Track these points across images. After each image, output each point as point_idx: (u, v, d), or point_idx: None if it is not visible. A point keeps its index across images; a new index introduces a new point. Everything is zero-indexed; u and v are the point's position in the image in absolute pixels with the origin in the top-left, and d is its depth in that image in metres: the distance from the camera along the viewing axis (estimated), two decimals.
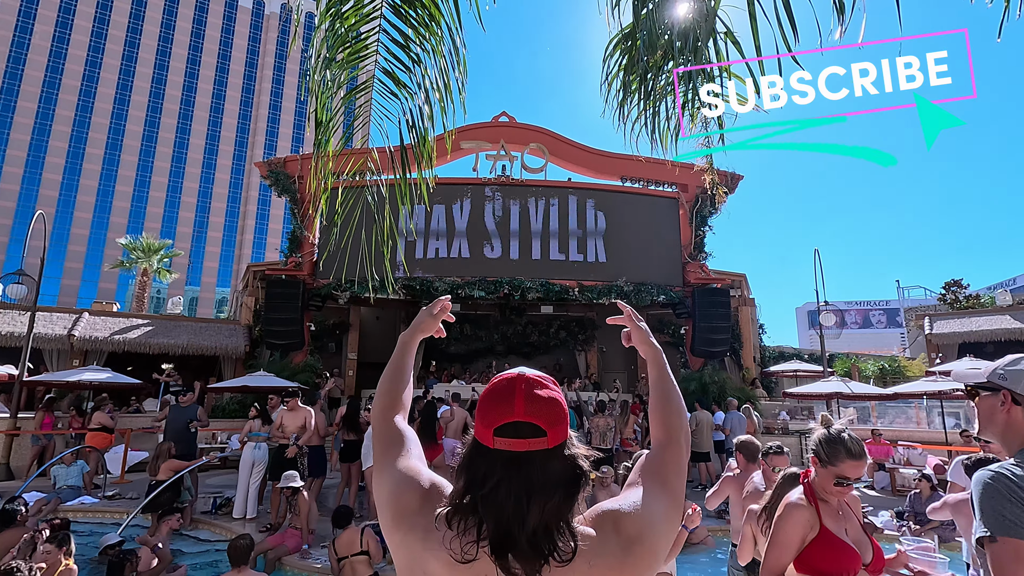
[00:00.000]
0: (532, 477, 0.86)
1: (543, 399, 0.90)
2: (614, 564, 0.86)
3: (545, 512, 0.83)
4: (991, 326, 15.94)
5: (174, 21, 74.47)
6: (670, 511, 0.96)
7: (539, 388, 0.92)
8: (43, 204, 59.45)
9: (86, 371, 11.88)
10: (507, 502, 0.84)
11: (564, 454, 0.89)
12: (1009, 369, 1.47)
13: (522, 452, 0.87)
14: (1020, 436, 1.42)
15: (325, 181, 2.49)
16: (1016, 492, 1.26)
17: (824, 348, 16.55)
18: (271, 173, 16.24)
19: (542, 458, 0.87)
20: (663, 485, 0.99)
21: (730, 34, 1.86)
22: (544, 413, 0.89)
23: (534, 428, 0.88)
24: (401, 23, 2.26)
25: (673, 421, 1.13)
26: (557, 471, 0.87)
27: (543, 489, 0.85)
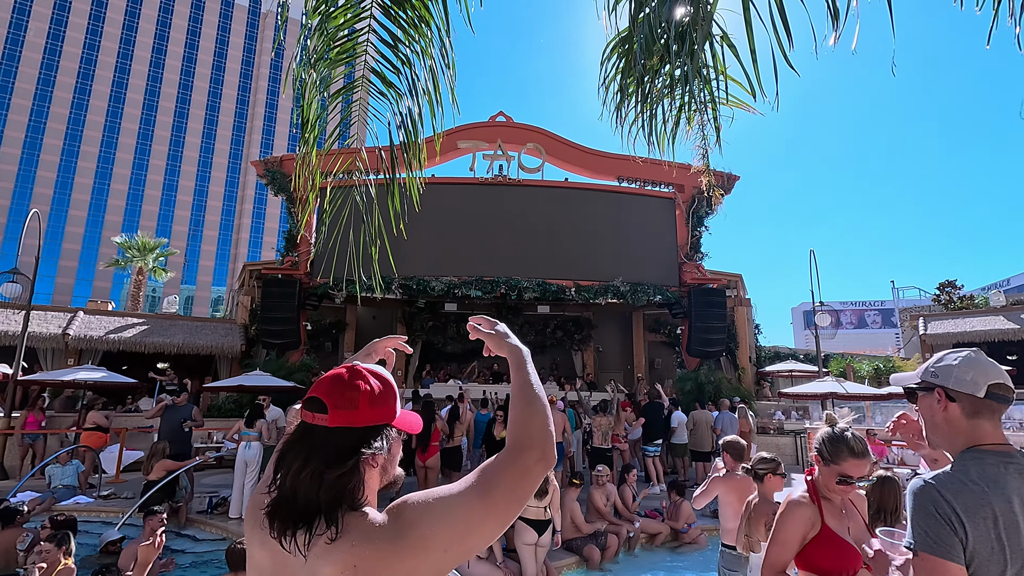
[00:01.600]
0: (303, 448, 0.95)
1: (346, 384, 0.99)
2: (380, 547, 0.87)
3: (299, 480, 0.91)
4: (985, 326, 16.05)
5: (170, 19, 74.17)
6: (473, 508, 0.92)
7: (355, 377, 1.01)
8: (38, 202, 59.16)
9: (81, 370, 11.83)
10: (285, 465, 0.95)
11: (344, 435, 0.95)
12: (939, 366, 1.44)
13: (307, 424, 0.98)
14: (961, 436, 1.38)
15: (312, 180, 2.49)
16: (942, 507, 1.24)
17: (819, 348, 16.63)
18: (267, 172, 16.20)
19: (321, 433, 0.96)
20: (482, 485, 0.95)
21: (726, 38, 1.87)
22: (335, 395, 0.97)
23: (321, 404, 0.97)
24: (391, 23, 2.26)
25: (523, 428, 1.04)
26: (328, 447, 0.94)
27: (308, 458, 0.93)
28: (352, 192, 2.62)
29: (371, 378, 1.02)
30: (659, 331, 18.33)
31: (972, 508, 1.23)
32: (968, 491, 1.25)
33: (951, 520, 1.23)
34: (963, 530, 1.22)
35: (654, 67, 1.94)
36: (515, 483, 0.96)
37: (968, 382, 1.37)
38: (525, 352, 1.21)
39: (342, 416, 0.96)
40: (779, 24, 1.50)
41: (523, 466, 0.98)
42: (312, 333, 16.17)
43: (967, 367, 1.39)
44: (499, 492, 0.95)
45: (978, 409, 1.36)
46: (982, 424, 1.36)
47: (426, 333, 18.28)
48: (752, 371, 17.08)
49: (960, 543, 1.22)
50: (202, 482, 9.69)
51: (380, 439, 0.99)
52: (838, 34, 1.47)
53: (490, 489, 0.95)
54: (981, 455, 1.31)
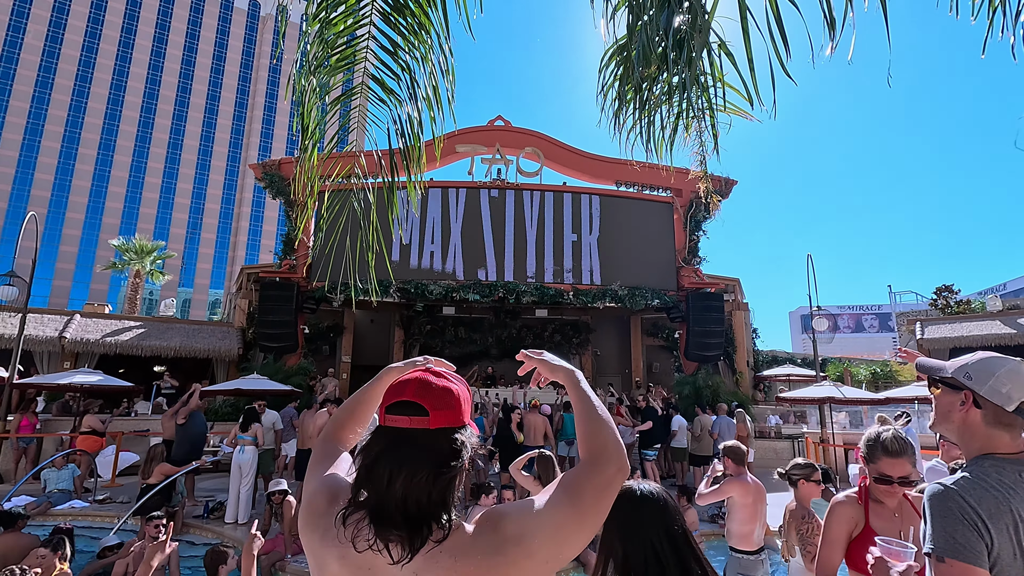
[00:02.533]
0: (407, 453, 0.92)
1: (434, 386, 0.98)
2: (481, 562, 0.87)
3: (413, 485, 0.89)
4: (981, 331, 16.08)
5: (169, 22, 74.19)
6: (568, 522, 0.94)
7: (437, 378, 1.01)
8: (35, 204, 59.00)
9: (77, 373, 11.79)
10: (383, 475, 0.91)
11: (446, 437, 0.94)
12: (975, 369, 1.39)
13: (405, 429, 0.94)
14: (978, 441, 1.36)
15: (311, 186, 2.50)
16: (968, 512, 1.23)
17: (817, 352, 16.63)
18: (265, 175, 16.20)
19: (422, 436, 0.93)
20: (570, 496, 0.97)
21: (724, 46, 1.88)
22: (431, 396, 0.96)
23: (418, 408, 0.95)
24: (390, 30, 2.27)
25: (595, 441, 1.07)
26: (433, 451, 0.92)
27: (413, 464, 0.90)
28: (351, 196, 2.63)
29: (452, 378, 1.03)
30: (657, 335, 18.35)
31: (995, 514, 1.22)
32: (991, 496, 1.24)
33: (977, 525, 1.22)
34: (989, 535, 1.21)
35: (652, 75, 1.95)
36: (600, 493, 0.99)
37: (1002, 394, 1.33)
38: (578, 373, 1.23)
39: (443, 416, 0.95)
40: (776, 33, 1.51)
41: (606, 477, 1.00)
42: (309, 337, 16.15)
43: (1007, 379, 1.34)
44: (587, 502, 0.97)
45: (1001, 420, 1.33)
46: (1001, 434, 1.34)
47: (424, 337, 18.27)
48: (750, 375, 17.10)
49: (986, 548, 1.20)
50: (198, 487, 9.65)
51: (471, 436, 0.99)
52: (835, 44, 1.48)
53: (580, 500, 0.97)
54: (1000, 462, 1.30)
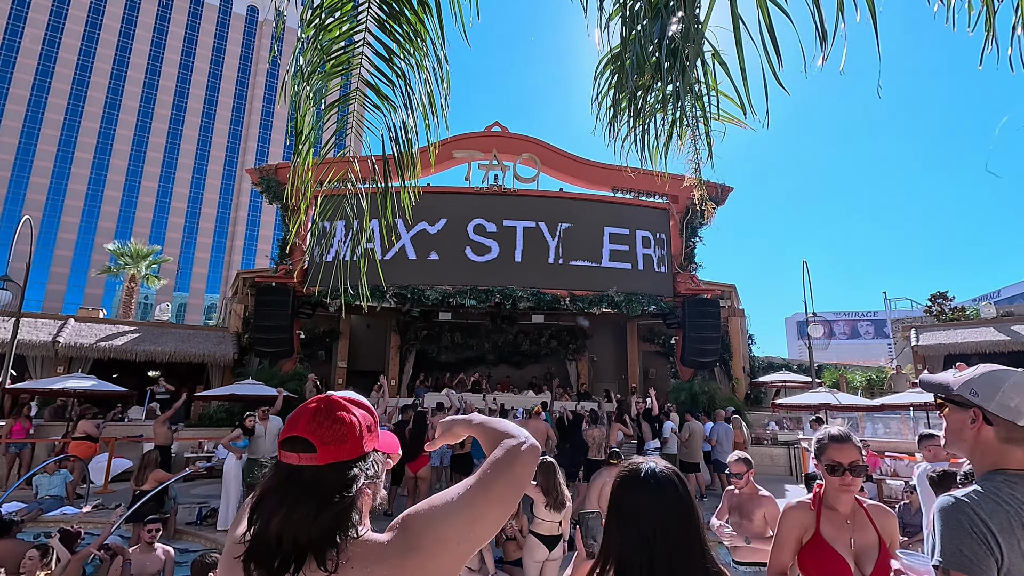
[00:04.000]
0: (291, 489, 0.90)
1: (328, 418, 0.95)
2: (394, 563, 0.87)
3: (289, 523, 0.86)
4: (976, 338, 16.15)
5: (167, 26, 74.28)
6: (474, 498, 0.95)
7: (336, 409, 0.97)
8: (30, 208, 58.77)
9: (70, 378, 11.72)
10: (265, 511, 0.89)
11: (336, 472, 0.92)
12: (982, 384, 1.35)
13: (294, 465, 0.92)
14: (990, 457, 1.33)
15: (304, 191, 2.49)
16: (977, 526, 1.20)
17: (812, 359, 16.68)
18: (262, 180, 16.20)
19: (311, 473, 0.91)
20: (477, 477, 0.99)
21: (717, 55, 1.90)
22: (321, 431, 0.93)
23: (307, 444, 0.92)
24: (386, 37, 2.28)
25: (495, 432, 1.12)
26: (321, 487, 0.90)
27: (295, 501, 0.88)
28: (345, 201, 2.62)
29: (352, 407, 0.99)
30: (653, 341, 18.37)
31: (1006, 528, 1.20)
32: (1002, 511, 1.22)
33: (987, 539, 1.19)
34: (999, 550, 1.18)
35: (646, 83, 1.96)
36: (508, 467, 1.01)
37: (1012, 409, 1.29)
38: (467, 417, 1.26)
39: (331, 451, 0.92)
40: (768, 43, 1.53)
41: (513, 452, 1.03)
42: (305, 342, 16.10)
43: (1014, 392, 1.30)
44: (495, 480, 0.98)
45: (1013, 435, 1.30)
46: (1014, 450, 1.31)
47: (420, 342, 18.23)
48: (746, 381, 17.12)
49: (995, 564, 1.18)
50: (191, 492, 9.59)
51: (372, 466, 0.97)
52: (826, 55, 1.49)
53: (486, 479, 0.98)
54: (1012, 478, 1.28)
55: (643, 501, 1.35)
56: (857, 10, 1.49)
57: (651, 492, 1.35)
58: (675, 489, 1.36)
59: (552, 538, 5.27)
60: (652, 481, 1.37)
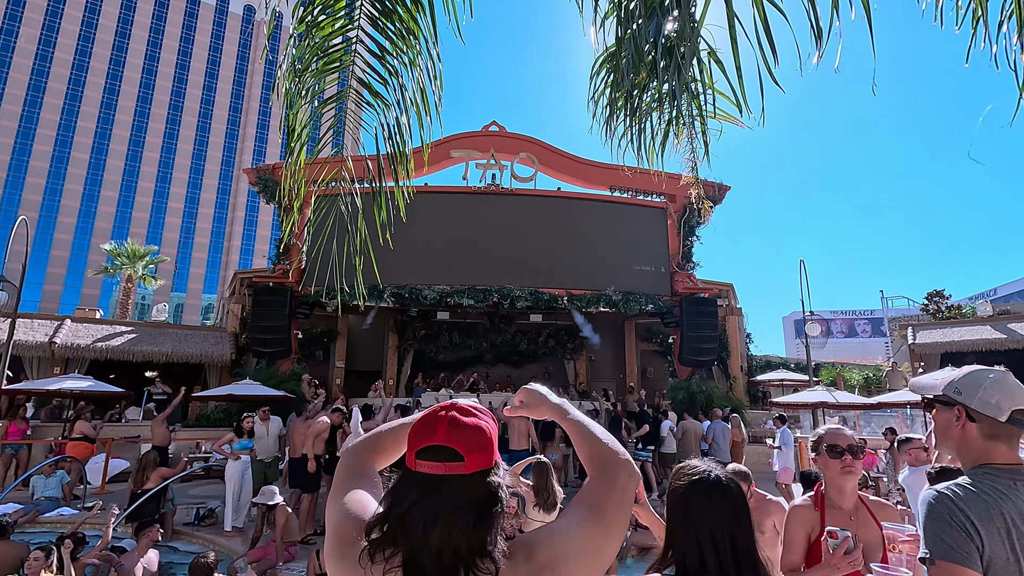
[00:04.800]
0: (444, 501, 0.88)
1: (466, 426, 0.93)
2: None
3: (451, 536, 0.85)
4: (972, 336, 16.21)
5: (163, 26, 74.09)
6: (595, 536, 0.96)
7: (466, 416, 0.95)
8: (26, 208, 58.57)
9: (67, 379, 11.68)
10: (417, 525, 0.87)
11: (483, 481, 0.91)
12: (965, 383, 1.42)
13: (439, 476, 0.90)
14: (974, 453, 1.38)
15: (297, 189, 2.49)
16: (956, 515, 1.25)
17: (810, 357, 16.72)
18: (259, 180, 16.16)
19: (459, 483, 0.89)
20: (591, 510, 0.99)
21: (713, 54, 1.90)
22: (464, 439, 0.91)
23: (452, 453, 0.90)
24: (378, 34, 2.27)
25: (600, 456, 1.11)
26: (472, 497, 0.89)
27: (452, 513, 0.87)
28: (339, 200, 2.62)
29: (481, 414, 0.99)
30: (651, 340, 18.38)
31: (985, 517, 1.24)
32: (980, 500, 1.26)
33: (966, 527, 1.23)
34: (979, 537, 1.22)
35: (642, 82, 1.96)
36: (619, 502, 1.03)
37: (992, 405, 1.35)
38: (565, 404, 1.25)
39: (478, 459, 0.91)
40: (764, 41, 1.53)
41: (620, 486, 1.04)
42: (303, 342, 16.07)
43: (994, 390, 1.36)
44: (609, 514, 1.00)
45: (997, 432, 1.35)
46: (998, 446, 1.36)
47: (419, 342, 18.22)
48: (744, 380, 17.14)
49: (977, 550, 1.22)
50: (189, 493, 9.57)
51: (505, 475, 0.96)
52: (821, 52, 1.50)
53: (602, 513, 0.99)
54: (994, 471, 1.33)
55: (703, 504, 1.40)
56: (852, 8, 1.49)
57: (711, 496, 1.41)
58: (733, 494, 1.42)
59: None
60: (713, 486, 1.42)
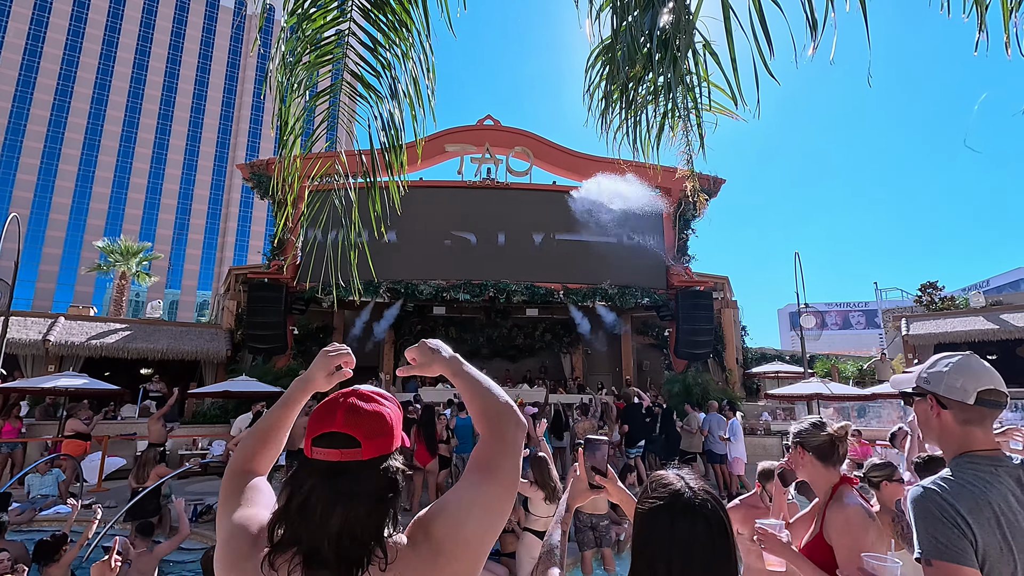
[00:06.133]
0: (341, 487, 0.88)
1: (364, 412, 0.93)
2: (424, 570, 0.88)
3: (348, 521, 0.86)
4: (965, 327, 16.31)
5: (154, 20, 73.29)
6: (490, 495, 0.96)
7: (366, 402, 0.95)
8: (17, 205, 58.05)
9: (62, 377, 11.63)
10: (315, 513, 0.87)
11: (381, 467, 0.91)
12: (932, 372, 1.45)
13: (335, 462, 0.89)
14: (954, 442, 1.39)
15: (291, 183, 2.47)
16: (947, 511, 1.24)
17: (805, 349, 16.80)
18: (253, 175, 16.07)
19: (355, 469, 0.89)
20: (484, 471, 0.99)
21: (708, 46, 1.89)
22: (362, 425, 0.91)
23: (349, 439, 0.90)
24: (371, 27, 2.25)
25: (488, 411, 1.09)
26: (369, 483, 0.89)
27: (350, 499, 0.87)
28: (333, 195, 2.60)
29: (382, 399, 0.98)
30: (647, 333, 18.43)
31: (975, 509, 1.23)
32: (968, 493, 1.26)
33: (958, 523, 1.22)
34: (971, 532, 1.21)
35: (637, 75, 1.96)
36: (511, 456, 1.03)
37: (958, 389, 1.37)
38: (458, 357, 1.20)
39: (375, 445, 0.91)
40: (759, 33, 1.52)
41: (510, 440, 1.04)
42: (299, 338, 16.03)
43: (957, 374, 1.39)
44: (502, 471, 1.00)
45: (969, 416, 1.37)
46: (973, 431, 1.37)
47: (415, 337, 18.21)
48: (739, 372, 17.22)
49: (971, 545, 1.21)
50: (186, 490, 9.56)
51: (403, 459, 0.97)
52: (816, 44, 1.49)
53: (495, 471, 0.99)
54: (974, 459, 1.33)
55: (677, 534, 1.06)
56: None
57: (679, 522, 1.06)
58: (714, 522, 1.06)
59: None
60: (692, 511, 1.07)
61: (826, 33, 1.49)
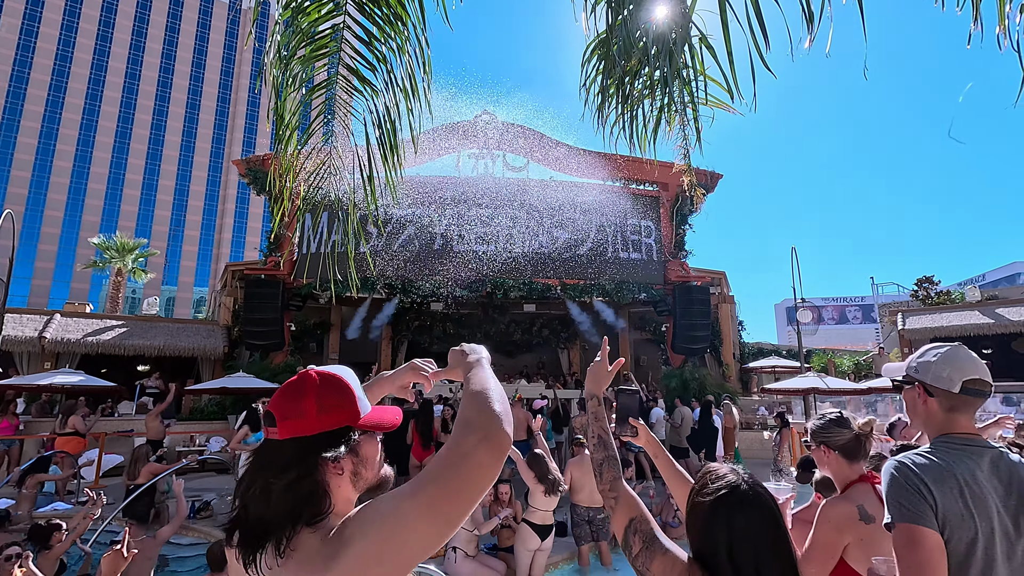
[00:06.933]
0: (257, 462, 0.94)
1: (293, 393, 0.96)
2: (318, 568, 0.83)
3: (253, 497, 0.89)
4: (961, 321, 16.37)
5: (148, 15, 72.79)
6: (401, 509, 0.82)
7: (304, 385, 0.97)
8: (12, 202, 57.76)
9: (58, 374, 11.60)
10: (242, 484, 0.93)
11: (293, 448, 0.92)
12: (920, 361, 1.53)
13: (266, 439, 0.96)
14: (936, 425, 1.48)
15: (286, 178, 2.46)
16: (912, 480, 1.34)
17: (801, 344, 16.85)
18: (249, 171, 16.00)
19: (270, 447, 0.94)
20: (414, 481, 0.86)
21: (704, 39, 1.89)
22: (281, 406, 0.95)
23: (271, 417, 0.95)
24: (366, 20, 2.24)
25: (462, 415, 0.96)
26: (276, 462, 0.91)
27: (256, 474, 0.92)
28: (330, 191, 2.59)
29: (321, 383, 0.97)
30: (644, 329, 18.46)
31: (938, 478, 1.33)
32: (934, 465, 1.36)
33: (919, 488, 1.32)
34: (932, 497, 1.31)
35: (633, 68, 1.95)
36: (451, 471, 0.85)
37: (944, 378, 1.46)
38: (473, 364, 1.12)
39: (290, 426, 0.92)
40: (756, 26, 1.52)
41: (460, 452, 0.86)
42: (296, 334, 16.01)
43: (944, 364, 1.47)
44: (433, 485, 0.83)
45: (954, 404, 1.45)
46: (957, 418, 1.46)
47: (412, 333, 18.21)
48: (736, 367, 17.27)
49: (931, 508, 1.30)
50: (185, 486, 9.53)
51: (340, 444, 0.94)
52: (813, 36, 1.49)
53: (423, 484, 0.84)
54: (950, 439, 1.43)
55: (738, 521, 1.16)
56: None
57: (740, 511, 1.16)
58: (768, 513, 1.17)
59: (545, 527, 5.31)
60: (748, 499, 1.17)
61: (822, 26, 1.49)
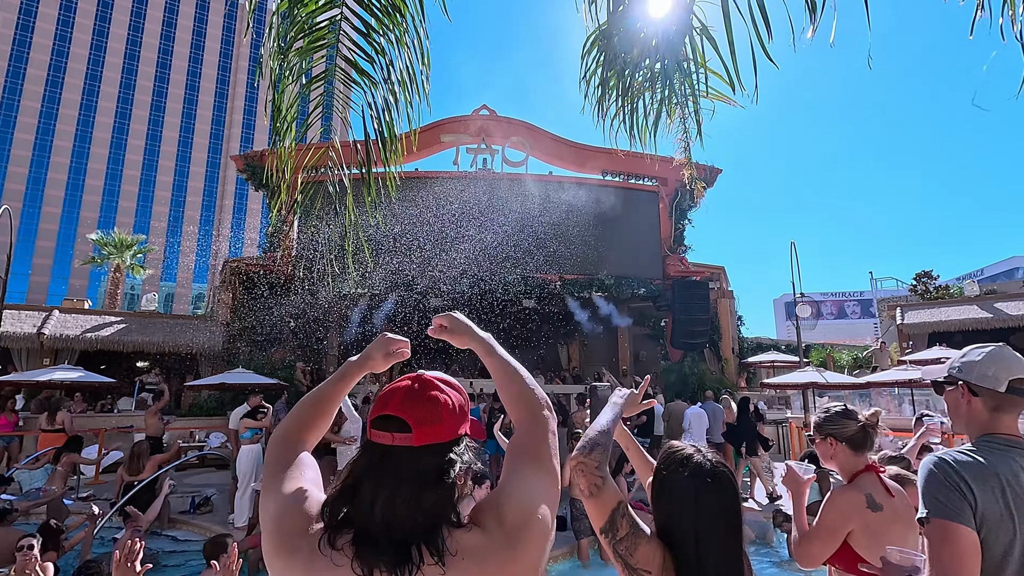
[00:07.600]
0: (387, 471, 0.87)
1: (422, 398, 0.92)
2: (504, 559, 0.86)
3: (394, 508, 0.84)
4: (960, 316, 16.40)
5: (145, 9, 72.37)
6: (547, 484, 0.97)
7: (429, 389, 0.93)
8: (9, 198, 57.54)
9: (57, 370, 11.58)
10: (366, 495, 0.86)
11: (432, 455, 0.89)
12: (964, 361, 1.51)
13: (388, 446, 0.89)
14: (979, 425, 1.46)
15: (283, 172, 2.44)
16: (951, 477, 1.32)
17: (800, 339, 16.86)
18: (247, 167, 15.96)
19: (404, 455, 0.88)
20: (535, 460, 1.00)
21: (705, 31, 1.87)
22: (415, 411, 0.90)
23: (402, 423, 0.89)
24: (364, 11, 2.22)
25: (522, 398, 1.13)
26: (416, 470, 0.87)
27: (393, 484, 0.85)
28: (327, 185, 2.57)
29: (445, 387, 0.95)
30: (643, 324, 18.47)
31: (980, 477, 1.31)
32: (975, 463, 1.34)
33: (959, 486, 1.31)
34: (972, 495, 1.29)
35: (634, 60, 1.93)
36: (550, 443, 1.05)
37: (990, 377, 1.43)
38: (491, 340, 1.27)
39: (427, 432, 0.89)
40: (758, 16, 1.50)
41: (544, 426, 1.07)
42: (295, 329, 15.99)
43: (989, 363, 1.45)
44: (549, 459, 1.02)
45: (999, 403, 1.43)
46: (1002, 417, 1.43)
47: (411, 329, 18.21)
48: (735, 362, 17.29)
49: (970, 507, 1.28)
50: (184, 482, 9.57)
51: (466, 451, 0.94)
52: (815, 27, 1.48)
53: (545, 461, 1.01)
54: (993, 439, 1.41)
55: (702, 497, 1.27)
56: None
57: (711, 488, 1.27)
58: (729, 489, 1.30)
59: None
60: (715, 476, 1.29)
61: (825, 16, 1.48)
